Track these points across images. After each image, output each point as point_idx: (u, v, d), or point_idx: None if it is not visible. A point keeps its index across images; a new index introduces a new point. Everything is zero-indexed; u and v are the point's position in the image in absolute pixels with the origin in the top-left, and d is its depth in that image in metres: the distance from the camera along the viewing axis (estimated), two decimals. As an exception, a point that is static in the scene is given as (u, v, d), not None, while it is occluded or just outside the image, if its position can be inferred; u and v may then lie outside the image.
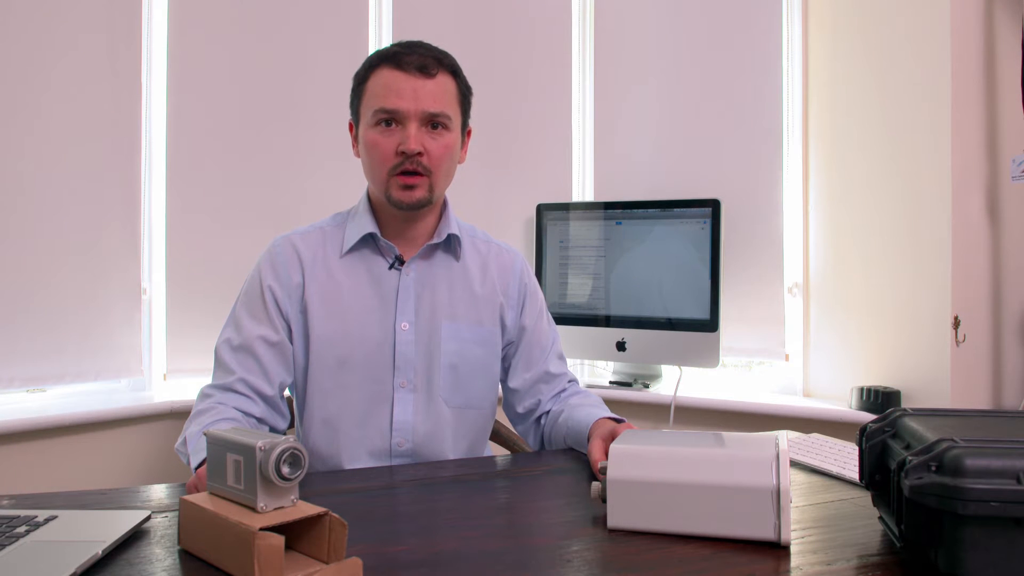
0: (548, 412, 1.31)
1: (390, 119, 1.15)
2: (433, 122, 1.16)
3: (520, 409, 1.33)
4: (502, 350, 1.31)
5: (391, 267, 1.22)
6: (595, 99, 2.31)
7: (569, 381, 1.36)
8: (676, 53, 2.23)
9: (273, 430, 1.18)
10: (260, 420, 1.16)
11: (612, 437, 1.03)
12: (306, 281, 1.20)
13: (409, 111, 1.14)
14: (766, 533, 0.75)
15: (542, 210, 2.21)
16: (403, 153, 1.14)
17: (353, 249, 1.22)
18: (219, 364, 1.19)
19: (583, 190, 2.34)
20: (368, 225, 1.21)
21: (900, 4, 1.91)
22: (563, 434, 1.22)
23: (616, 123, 2.29)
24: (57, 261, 1.77)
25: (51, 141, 1.76)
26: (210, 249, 1.95)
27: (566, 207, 2.19)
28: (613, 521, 0.80)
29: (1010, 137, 1.83)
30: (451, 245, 1.27)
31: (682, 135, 2.22)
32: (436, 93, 1.16)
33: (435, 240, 1.24)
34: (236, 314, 1.22)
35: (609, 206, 2.13)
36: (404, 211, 1.19)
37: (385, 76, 1.16)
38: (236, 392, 1.16)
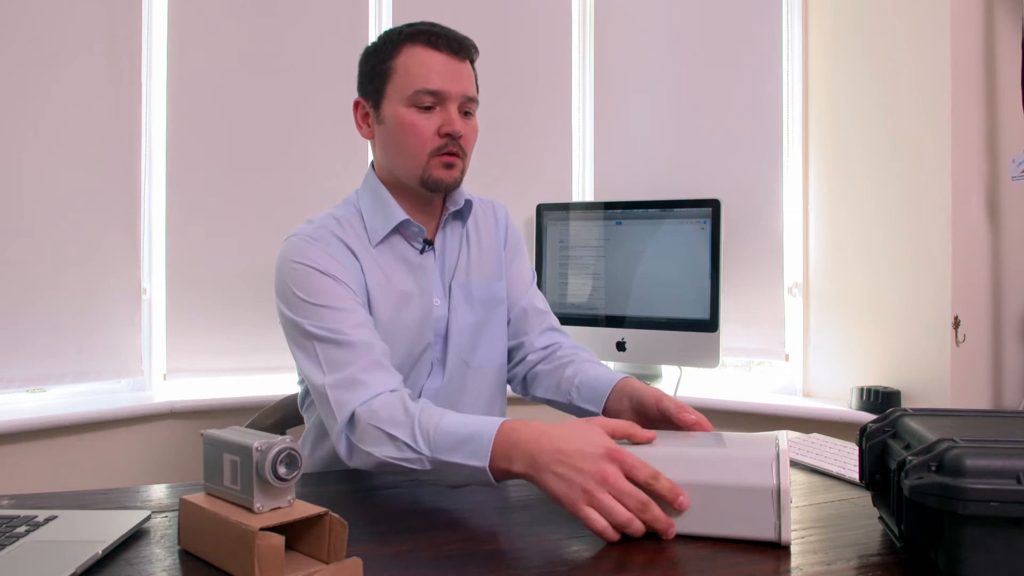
0: (539, 355, 1.28)
1: (431, 100, 1.12)
2: (467, 107, 1.16)
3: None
4: None
5: (422, 251, 1.20)
6: (595, 99, 2.31)
7: (556, 330, 1.32)
8: (676, 53, 2.23)
9: None
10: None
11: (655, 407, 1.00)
12: (362, 268, 1.15)
13: (452, 93, 1.13)
14: (767, 533, 0.75)
15: (542, 210, 2.21)
16: (448, 135, 1.12)
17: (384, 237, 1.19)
18: (346, 347, 1.04)
19: (583, 190, 2.34)
20: (399, 213, 1.18)
21: (900, 4, 1.91)
22: (570, 380, 1.18)
23: (616, 123, 2.29)
24: (58, 262, 1.77)
25: (52, 142, 1.76)
26: (210, 249, 1.96)
27: (566, 207, 2.19)
28: None
29: (1010, 137, 1.83)
30: (462, 211, 1.26)
31: (682, 135, 2.22)
32: (470, 77, 1.17)
33: (452, 208, 1.23)
34: (315, 315, 1.07)
35: (609, 206, 2.13)
36: (439, 192, 1.17)
37: (420, 55, 1.13)
38: (389, 371, 1.05)
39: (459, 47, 1.15)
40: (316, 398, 1.07)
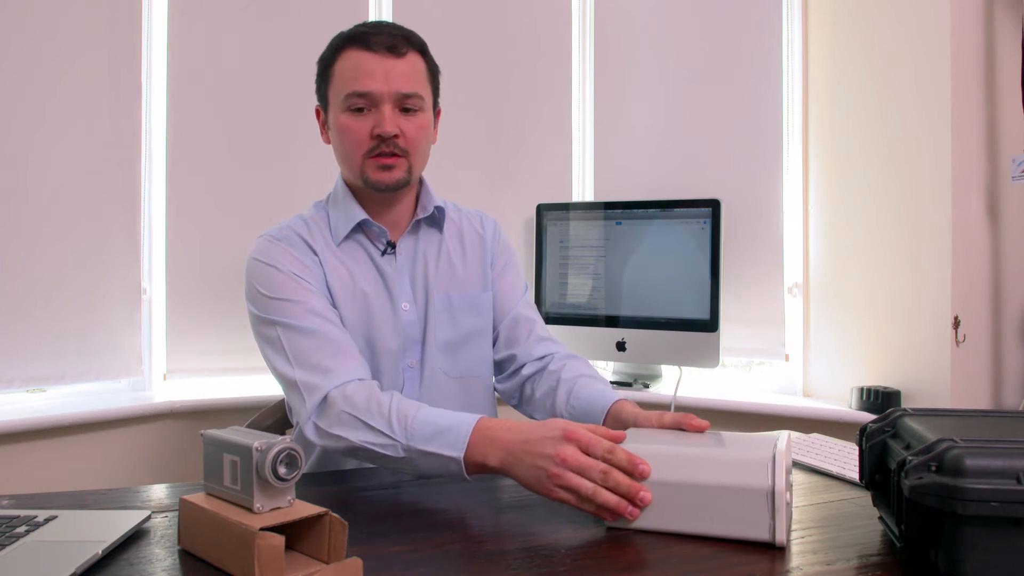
0: (534, 366, 1.25)
1: (363, 102, 1.12)
2: (406, 104, 1.14)
3: (496, 356, 1.29)
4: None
5: (384, 253, 1.21)
6: (595, 99, 2.31)
7: (548, 339, 1.30)
8: (676, 53, 2.23)
9: None
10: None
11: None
12: (324, 266, 1.17)
13: (382, 93, 1.12)
14: (761, 534, 0.75)
15: (542, 210, 2.21)
16: (379, 136, 1.12)
17: (346, 237, 1.20)
18: (311, 336, 1.07)
19: (583, 190, 2.34)
20: (358, 212, 1.19)
21: (900, 4, 1.91)
22: (564, 402, 1.16)
23: (616, 123, 2.29)
24: (58, 261, 1.77)
25: (52, 142, 1.76)
26: (210, 249, 1.95)
27: (566, 207, 2.19)
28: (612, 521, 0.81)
29: (1010, 137, 1.83)
30: (435, 218, 1.26)
31: (682, 135, 2.22)
32: (407, 73, 1.14)
33: (421, 215, 1.23)
34: (277, 309, 1.11)
35: (609, 206, 2.13)
36: (383, 192, 1.17)
37: (354, 58, 1.14)
38: (357, 359, 1.08)
39: (395, 44, 1.13)
40: (284, 388, 1.10)
